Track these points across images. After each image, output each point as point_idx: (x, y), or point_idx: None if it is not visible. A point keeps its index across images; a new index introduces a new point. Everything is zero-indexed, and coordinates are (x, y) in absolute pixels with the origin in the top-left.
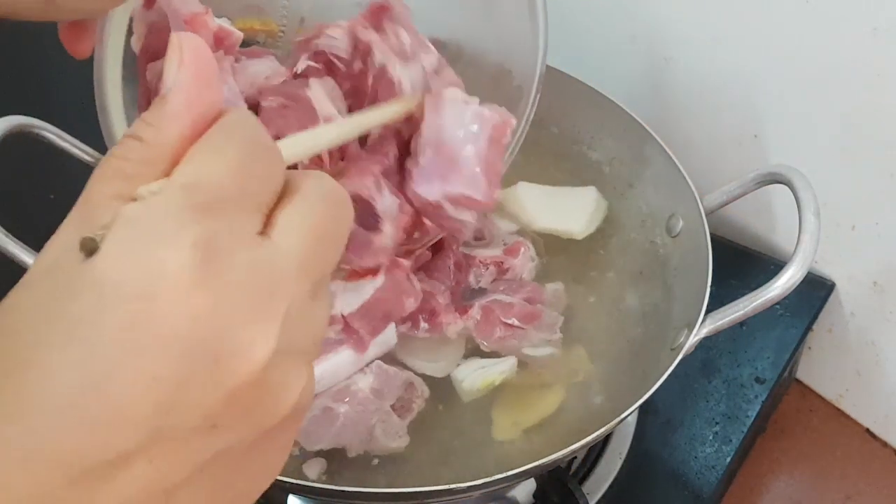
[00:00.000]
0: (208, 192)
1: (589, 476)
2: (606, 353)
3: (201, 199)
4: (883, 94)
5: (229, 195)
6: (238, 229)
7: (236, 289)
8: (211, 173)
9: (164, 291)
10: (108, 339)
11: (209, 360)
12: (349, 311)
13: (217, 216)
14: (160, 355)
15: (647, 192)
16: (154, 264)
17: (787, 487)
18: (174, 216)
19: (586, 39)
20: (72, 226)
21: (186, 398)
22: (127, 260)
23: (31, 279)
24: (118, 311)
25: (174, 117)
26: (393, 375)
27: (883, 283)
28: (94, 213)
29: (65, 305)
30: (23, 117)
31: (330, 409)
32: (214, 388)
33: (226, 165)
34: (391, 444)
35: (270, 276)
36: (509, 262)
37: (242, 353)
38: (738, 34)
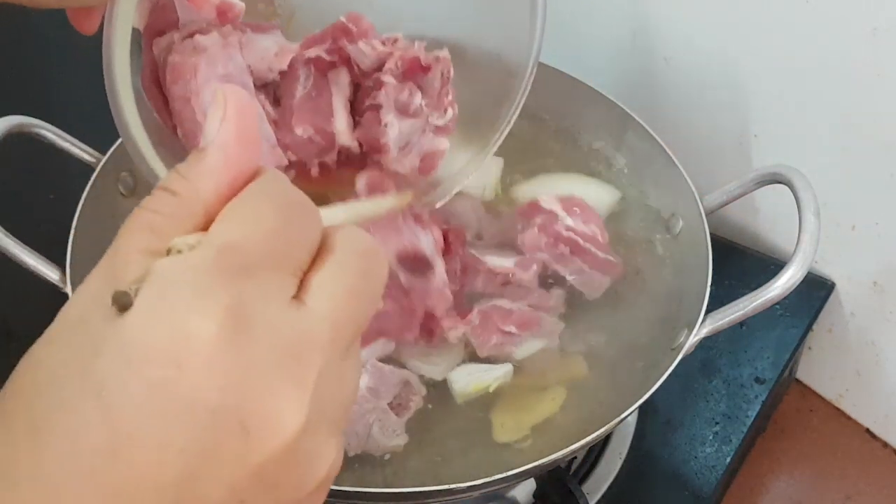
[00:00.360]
0: (244, 255)
1: (589, 476)
2: (606, 354)
3: (237, 261)
4: (883, 94)
5: (265, 258)
6: (271, 294)
7: (266, 357)
8: (248, 236)
9: (192, 357)
10: (132, 403)
11: (237, 431)
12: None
13: (251, 280)
14: (185, 424)
15: (647, 192)
16: (184, 328)
17: (787, 487)
18: (208, 277)
19: (586, 39)
20: (100, 278)
21: (212, 470)
22: (157, 321)
23: (57, 332)
24: (144, 375)
25: (211, 173)
26: (388, 374)
27: (883, 283)
28: (123, 266)
29: (90, 364)
30: (23, 117)
31: None
32: (242, 461)
33: (264, 228)
34: (389, 443)
35: (301, 343)
36: (519, 275)
37: (272, 424)
38: (738, 34)
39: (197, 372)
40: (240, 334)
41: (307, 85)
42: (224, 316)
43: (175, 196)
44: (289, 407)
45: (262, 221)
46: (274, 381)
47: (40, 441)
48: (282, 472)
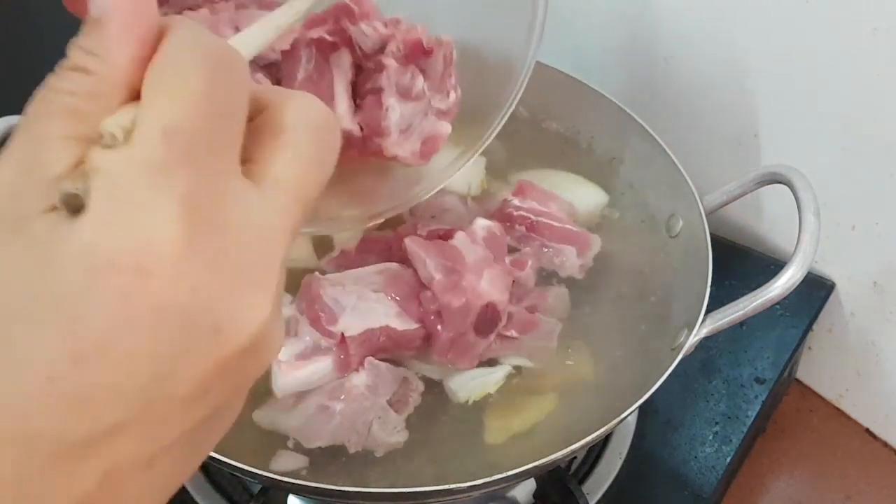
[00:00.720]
0: (186, 136)
1: (589, 476)
2: (606, 353)
3: (180, 147)
4: (883, 94)
5: (207, 134)
6: (223, 177)
7: (231, 253)
8: (182, 113)
9: (157, 261)
10: (98, 312)
11: (208, 331)
12: (350, 333)
13: (199, 163)
14: (155, 329)
15: (647, 192)
16: (145, 230)
17: (787, 487)
18: (158, 171)
19: (586, 39)
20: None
21: (181, 370)
22: (115, 225)
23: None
24: (109, 284)
25: (118, 42)
26: (385, 371)
27: (883, 283)
28: (43, 155)
29: (45, 272)
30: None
31: (326, 407)
32: (211, 357)
33: (196, 98)
34: (390, 440)
35: (265, 238)
36: (515, 274)
37: (241, 319)
38: (737, 34)
39: (164, 276)
40: (201, 231)
41: (308, 67)
42: (183, 212)
43: (89, 74)
44: (254, 301)
45: (192, 89)
46: (240, 277)
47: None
48: (246, 360)
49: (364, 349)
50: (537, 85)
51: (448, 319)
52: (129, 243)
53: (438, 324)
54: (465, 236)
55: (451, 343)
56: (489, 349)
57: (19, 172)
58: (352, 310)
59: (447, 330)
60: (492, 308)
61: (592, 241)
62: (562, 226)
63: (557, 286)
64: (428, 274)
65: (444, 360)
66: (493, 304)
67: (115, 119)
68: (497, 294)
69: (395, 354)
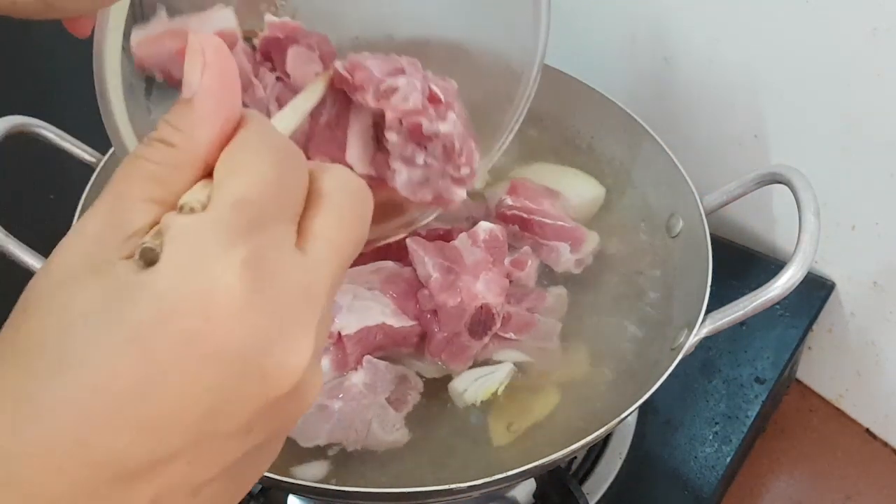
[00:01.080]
0: (253, 209)
1: (589, 476)
2: (606, 353)
3: (248, 215)
4: (883, 94)
5: (271, 209)
6: (280, 244)
7: (281, 306)
8: (253, 189)
9: (218, 309)
10: (165, 348)
11: (256, 374)
12: (347, 331)
13: (262, 232)
14: (213, 368)
15: (647, 192)
16: (210, 283)
17: (787, 487)
18: (226, 234)
19: (586, 39)
20: (103, 222)
21: (231, 408)
22: (184, 276)
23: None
24: (176, 325)
25: (203, 122)
26: (384, 370)
27: (883, 283)
28: (127, 213)
29: (123, 312)
30: (23, 117)
31: (324, 405)
32: (257, 399)
33: (265, 179)
34: (389, 438)
35: (310, 290)
36: (515, 275)
37: (285, 366)
38: (737, 34)
39: (223, 322)
40: (258, 286)
41: (331, 112)
42: (243, 269)
43: (172, 147)
44: (299, 349)
45: (263, 172)
46: (288, 328)
47: (71, 375)
48: (288, 403)
49: (361, 347)
50: (538, 85)
51: (443, 319)
52: (195, 292)
53: (434, 323)
54: (467, 238)
55: (445, 343)
56: (486, 350)
57: (105, 224)
58: (347, 309)
59: (442, 329)
60: (486, 310)
61: (587, 235)
62: (554, 222)
63: (557, 286)
64: (426, 272)
65: (437, 361)
66: (487, 307)
67: (193, 193)
68: (492, 297)
69: (392, 352)
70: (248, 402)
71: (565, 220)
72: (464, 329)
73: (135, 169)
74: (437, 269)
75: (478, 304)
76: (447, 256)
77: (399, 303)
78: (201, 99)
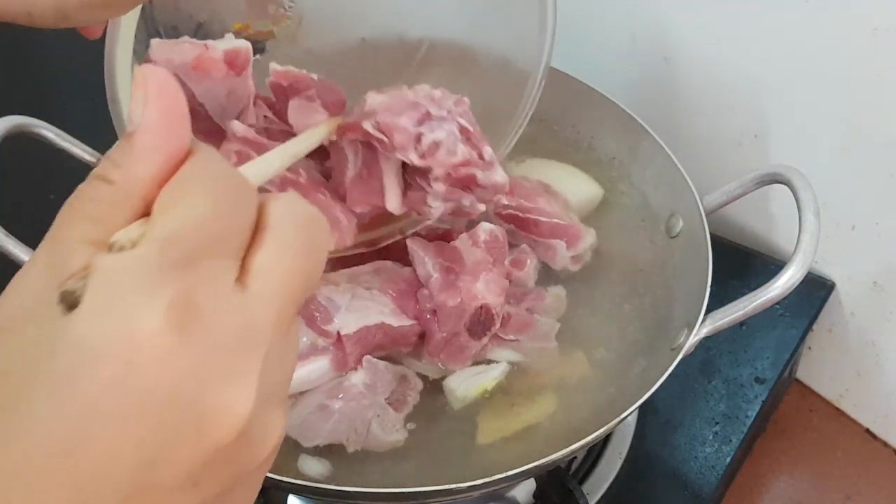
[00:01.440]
0: (185, 246)
1: (589, 476)
2: (606, 353)
3: (179, 253)
4: (883, 94)
5: (205, 246)
6: (215, 282)
7: (215, 347)
8: (187, 225)
9: (142, 353)
10: (85, 401)
11: (192, 421)
12: (346, 331)
13: (194, 270)
14: (141, 417)
15: (647, 192)
16: (132, 325)
17: (787, 487)
18: (151, 272)
19: (586, 39)
20: (40, 269)
21: (169, 457)
22: (106, 320)
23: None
24: (98, 373)
25: (142, 158)
26: (384, 370)
27: (883, 283)
28: (64, 256)
29: (41, 364)
30: (23, 117)
31: (325, 405)
32: (198, 447)
33: (200, 214)
34: (389, 438)
35: (247, 330)
36: (515, 275)
37: (224, 411)
38: (737, 34)
39: (148, 367)
40: (187, 327)
41: (357, 164)
42: (170, 309)
43: (111, 184)
44: (239, 393)
45: (199, 207)
46: (223, 371)
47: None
48: (234, 453)
49: (360, 347)
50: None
51: (443, 319)
52: (116, 335)
53: (434, 323)
54: (467, 238)
55: (444, 343)
56: (484, 350)
57: (41, 269)
58: (346, 308)
59: (441, 329)
60: (486, 310)
61: (583, 232)
62: (549, 220)
63: (556, 286)
64: (426, 272)
65: (436, 361)
66: (487, 307)
67: (125, 231)
68: (492, 297)
69: (391, 352)
70: (187, 451)
71: (561, 217)
72: (463, 329)
73: (73, 209)
74: (436, 268)
75: (477, 304)
76: (447, 256)
77: (398, 302)
78: (141, 134)
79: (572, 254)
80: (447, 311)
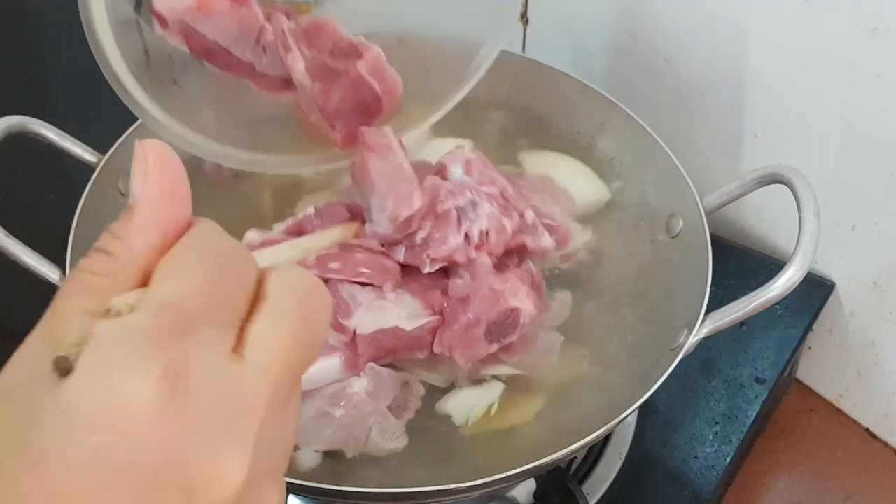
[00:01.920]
0: (180, 313)
1: (589, 476)
2: (606, 353)
3: (174, 320)
4: (883, 94)
5: (201, 314)
6: (210, 351)
7: (206, 417)
8: (183, 293)
9: (131, 421)
10: (72, 470)
11: (180, 492)
12: (362, 331)
13: (189, 338)
14: (127, 488)
15: (647, 192)
16: (123, 392)
17: (787, 487)
18: (146, 339)
19: (586, 39)
20: (40, 341)
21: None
22: (95, 386)
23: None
24: (84, 441)
25: (141, 230)
26: (387, 377)
27: (883, 283)
28: (63, 328)
29: (31, 432)
30: (23, 117)
31: (326, 413)
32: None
33: (197, 283)
34: (388, 446)
35: (240, 401)
36: None
37: (214, 483)
38: (737, 34)
39: (137, 436)
40: (178, 396)
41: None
42: (162, 377)
43: (110, 256)
44: (230, 465)
45: (195, 276)
46: (214, 440)
47: None
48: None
49: (373, 349)
50: (538, 85)
51: (475, 302)
52: (106, 403)
53: (459, 307)
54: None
55: (464, 329)
56: (488, 360)
57: (38, 342)
58: (367, 307)
59: (468, 311)
60: (515, 315)
61: (574, 234)
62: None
63: (562, 291)
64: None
65: (443, 350)
66: (517, 312)
67: (122, 297)
68: (527, 306)
69: (400, 360)
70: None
71: (552, 217)
72: (485, 323)
73: (73, 281)
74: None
75: (514, 304)
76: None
77: (422, 295)
78: (140, 207)
79: (560, 252)
80: (484, 295)
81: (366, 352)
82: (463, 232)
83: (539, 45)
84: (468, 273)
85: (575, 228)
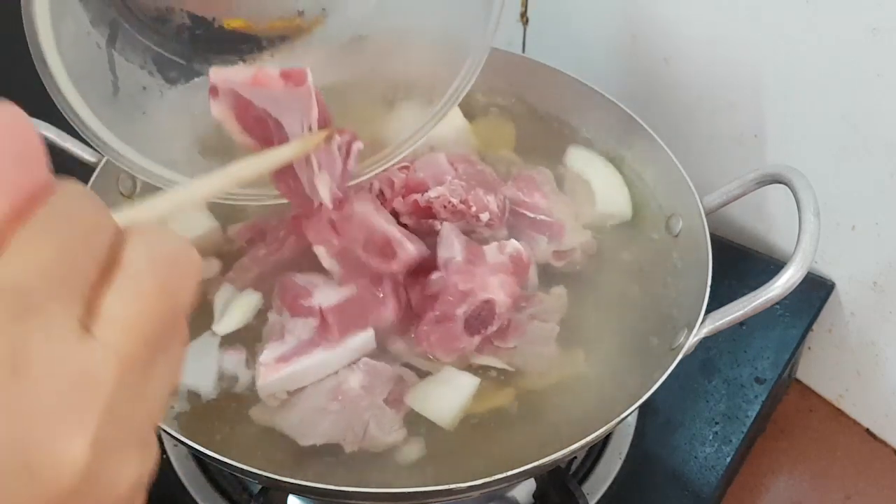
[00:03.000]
0: (21, 296)
1: (589, 476)
2: (606, 353)
3: (17, 302)
4: (883, 94)
5: (46, 293)
6: (53, 330)
7: (47, 397)
8: (24, 275)
9: None
10: None
11: (21, 473)
12: (327, 304)
13: (32, 320)
14: None
15: (647, 192)
16: None
17: (787, 487)
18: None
19: (586, 39)
20: None
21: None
22: None
23: None
24: None
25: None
26: (381, 370)
27: (883, 283)
28: None
29: None
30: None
31: (322, 408)
32: (33, 497)
33: (41, 261)
34: (387, 438)
35: (85, 379)
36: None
37: (56, 462)
38: (737, 34)
39: None
40: (18, 377)
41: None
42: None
43: None
44: (72, 444)
45: (41, 253)
46: (55, 420)
47: None
48: (81, 500)
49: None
50: (538, 85)
51: (444, 299)
52: None
53: (430, 305)
54: (496, 246)
55: (435, 324)
56: (480, 352)
57: None
58: (325, 284)
59: (436, 309)
60: (490, 305)
61: (568, 232)
62: (534, 216)
63: (557, 286)
64: (450, 254)
65: (424, 348)
66: (492, 303)
67: None
68: (502, 295)
69: (388, 347)
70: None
71: (550, 215)
72: (461, 318)
73: None
74: (461, 253)
75: (486, 296)
76: (473, 252)
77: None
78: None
79: (554, 248)
80: (453, 293)
81: (337, 322)
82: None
83: (539, 45)
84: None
85: (575, 228)
